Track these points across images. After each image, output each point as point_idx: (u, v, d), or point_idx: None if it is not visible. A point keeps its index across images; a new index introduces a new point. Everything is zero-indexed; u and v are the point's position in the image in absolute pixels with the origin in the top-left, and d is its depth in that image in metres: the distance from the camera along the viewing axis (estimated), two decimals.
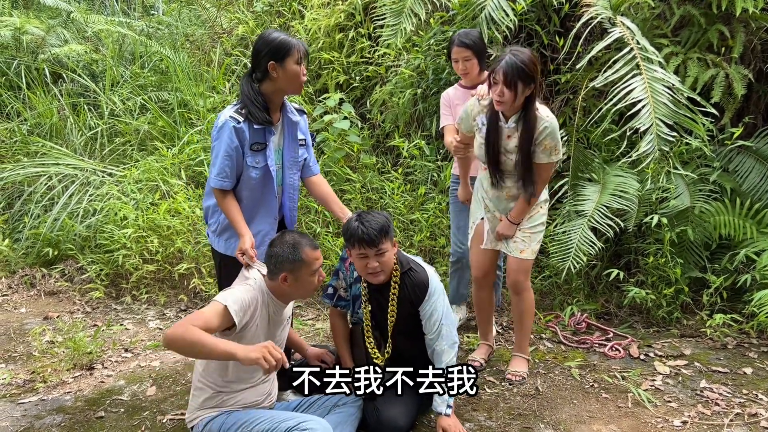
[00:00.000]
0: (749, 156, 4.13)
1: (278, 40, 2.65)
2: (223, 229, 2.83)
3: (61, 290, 4.93)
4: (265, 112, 2.70)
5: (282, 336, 2.76)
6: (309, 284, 2.58)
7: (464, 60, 3.43)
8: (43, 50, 7.13)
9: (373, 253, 2.60)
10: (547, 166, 3.00)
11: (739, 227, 3.85)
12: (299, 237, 2.57)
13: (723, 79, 3.99)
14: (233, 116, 2.67)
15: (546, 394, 3.13)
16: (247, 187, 2.77)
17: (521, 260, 3.13)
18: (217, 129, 2.70)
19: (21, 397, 3.28)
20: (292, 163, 2.90)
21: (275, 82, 2.70)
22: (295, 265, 2.51)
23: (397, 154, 5.07)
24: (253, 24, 6.30)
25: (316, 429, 2.40)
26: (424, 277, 2.74)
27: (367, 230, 2.57)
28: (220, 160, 2.68)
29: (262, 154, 2.75)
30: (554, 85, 4.66)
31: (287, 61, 2.65)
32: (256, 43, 2.71)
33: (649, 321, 3.97)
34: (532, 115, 2.89)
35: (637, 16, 4.22)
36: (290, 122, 2.86)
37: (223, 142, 2.67)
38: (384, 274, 2.67)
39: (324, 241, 4.56)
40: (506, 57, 2.81)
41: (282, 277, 2.52)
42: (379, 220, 2.60)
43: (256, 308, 2.51)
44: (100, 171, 5.54)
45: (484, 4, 4.32)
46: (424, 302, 2.73)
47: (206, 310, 2.39)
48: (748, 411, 2.93)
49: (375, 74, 5.33)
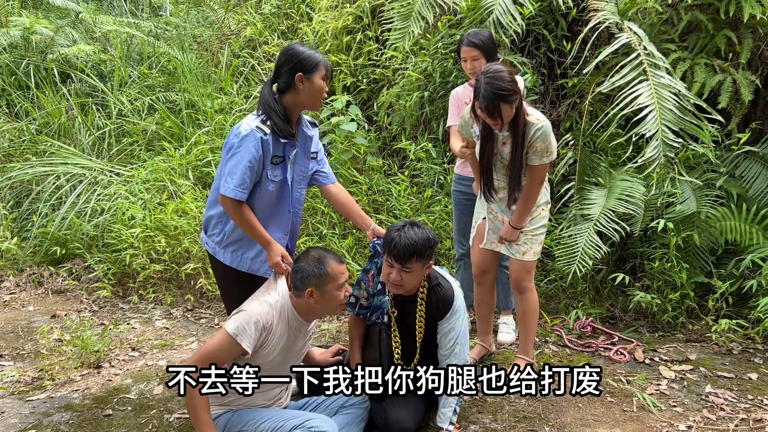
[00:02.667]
0: (756, 161, 4.12)
1: (307, 53, 2.62)
2: (230, 241, 2.75)
3: (68, 289, 4.97)
4: (289, 127, 2.65)
5: (303, 350, 2.74)
6: (335, 299, 2.54)
7: (472, 59, 3.44)
8: (52, 50, 7.18)
9: (398, 268, 2.60)
10: (541, 168, 3.00)
11: (745, 233, 3.85)
12: (324, 252, 2.55)
13: (730, 84, 4.00)
14: (260, 127, 2.59)
15: (551, 398, 3.13)
16: (262, 200, 2.69)
17: (524, 262, 3.15)
18: (240, 137, 2.58)
19: (29, 394, 3.31)
20: (301, 177, 2.85)
21: (298, 95, 2.65)
22: (321, 279, 2.48)
23: (404, 157, 5.09)
24: (261, 26, 6.34)
25: (321, 427, 2.42)
26: (451, 294, 2.75)
27: (401, 246, 2.55)
28: (242, 170, 2.56)
29: (281, 168, 2.69)
30: (561, 89, 4.67)
31: (315, 75, 2.62)
32: (283, 54, 2.66)
33: (655, 325, 3.98)
34: (520, 121, 2.88)
35: (645, 21, 4.23)
36: (305, 136, 2.82)
37: (247, 152, 2.57)
38: (404, 290, 2.68)
39: (330, 242, 4.58)
40: (481, 88, 2.77)
41: (308, 292, 2.49)
42: (417, 241, 2.56)
43: (272, 330, 2.48)
44: (107, 171, 5.57)
45: (491, 7, 4.33)
46: (445, 318, 2.74)
47: (217, 346, 2.39)
48: (753, 416, 2.93)
49: (382, 77, 5.35)
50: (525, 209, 3.07)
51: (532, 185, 3.03)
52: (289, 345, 2.58)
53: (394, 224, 2.70)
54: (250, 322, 2.40)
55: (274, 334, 2.49)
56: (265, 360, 2.50)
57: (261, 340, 2.44)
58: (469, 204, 3.55)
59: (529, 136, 2.92)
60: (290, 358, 2.63)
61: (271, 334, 2.48)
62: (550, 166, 3.09)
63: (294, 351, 2.64)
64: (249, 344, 2.38)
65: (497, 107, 2.77)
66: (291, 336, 2.57)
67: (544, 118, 2.94)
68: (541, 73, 4.71)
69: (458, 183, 3.78)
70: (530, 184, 3.02)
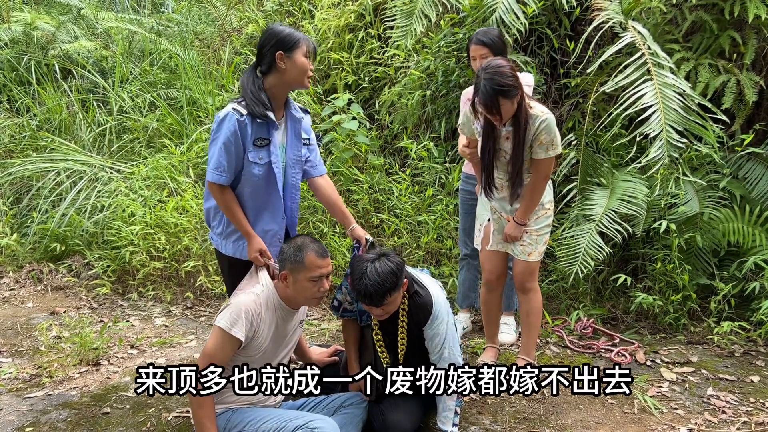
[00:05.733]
0: (759, 163, 4.10)
1: (287, 32, 2.59)
2: (230, 231, 2.74)
3: (68, 286, 4.95)
4: (263, 107, 2.60)
5: (293, 338, 2.74)
6: (306, 290, 2.51)
7: (481, 58, 3.40)
8: (54, 46, 7.17)
9: (377, 308, 2.56)
10: (546, 162, 2.97)
11: (748, 234, 3.83)
12: (310, 242, 2.53)
13: (734, 85, 3.97)
14: (236, 108, 2.57)
15: (552, 399, 3.12)
16: (250, 185, 2.67)
17: (528, 263, 3.13)
18: (217, 121, 2.59)
19: (27, 391, 3.30)
20: (294, 161, 2.80)
21: (282, 75, 2.61)
22: (295, 266, 2.48)
23: (405, 156, 5.07)
24: (263, 23, 6.31)
25: (324, 428, 2.40)
26: (428, 300, 2.69)
27: (371, 292, 2.48)
28: (218, 152, 2.56)
29: (266, 150, 2.65)
30: (564, 88, 4.65)
31: (296, 52, 2.58)
32: (262, 35, 2.63)
33: (656, 327, 3.96)
34: (522, 115, 2.85)
35: (649, 21, 4.20)
36: (294, 119, 2.78)
37: (221, 133, 2.56)
38: (389, 314, 2.64)
39: (330, 241, 4.56)
40: (480, 85, 2.75)
41: (282, 275, 2.51)
42: (385, 280, 2.47)
43: (261, 318, 2.48)
44: (108, 167, 5.56)
45: (494, 6, 4.31)
46: (427, 325, 2.69)
47: (216, 347, 2.41)
48: (755, 419, 2.91)
49: (384, 75, 5.33)
50: (530, 204, 3.04)
51: (538, 180, 2.99)
52: (279, 333, 2.59)
53: (355, 263, 2.59)
54: (240, 313, 2.42)
55: (263, 322, 2.50)
56: (258, 350, 2.51)
57: (253, 328, 2.45)
58: (475, 203, 3.53)
59: (533, 129, 2.89)
60: (281, 348, 2.64)
61: (261, 323, 2.49)
62: (555, 160, 3.07)
63: (284, 339, 2.64)
64: (242, 334, 2.40)
65: (496, 103, 2.74)
66: (279, 324, 2.58)
67: (547, 111, 2.91)
68: (544, 73, 4.69)
69: (465, 182, 3.75)
70: (535, 178, 2.99)
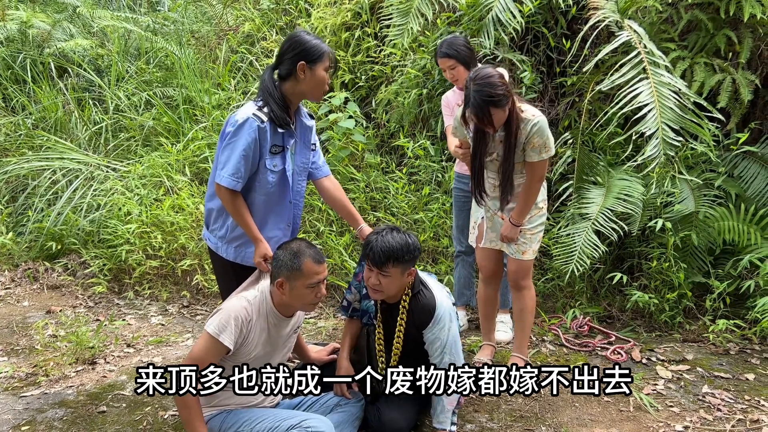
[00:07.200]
0: (754, 161, 4.11)
1: (312, 42, 2.56)
2: (234, 236, 2.70)
3: (63, 284, 4.94)
4: (287, 116, 2.59)
5: (287, 344, 2.71)
6: (304, 297, 2.47)
7: (450, 69, 3.47)
8: (49, 44, 7.14)
9: (376, 272, 2.55)
10: (540, 164, 2.97)
11: (743, 233, 3.84)
12: (306, 247, 2.47)
13: (729, 84, 3.99)
14: (257, 115, 2.53)
15: (548, 397, 3.12)
16: (263, 192, 2.65)
17: (522, 261, 3.14)
18: (236, 125, 2.53)
19: (23, 390, 3.29)
20: (302, 168, 2.80)
21: (299, 84, 2.59)
22: (293, 273, 2.43)
23: (402, 154, 5.07)
24: (260, 21, 6.31)
25: (319, 427, 2.40)
26: (431, 303, 2.66)
27: (377, 250, 2.50)
28: (237, 159, 2.51)
29: (280, 158, 2.63)
30: (560, 87, 4.66)
31: (318, 65, 2.56)
32: (287, 41, 2.60)
33: (652, 325, 3.97)
34: (513, 119, 2.86)
35: (645, 20, 4.21)
36: (304, 127, 2.77)
37: (242, 139, 2.51)
38: (384, 295, 2.62)
39: (327, 239, 4.56)
40: (470, 96, 2.75)
41: (278, 282, 2.45)
42: (394, 245, 2.50)
43: (251, 325, 2.46)
44: (104, 166, 5.54)
45: (491, 5, 4.32)
46: (428, 328, 2.66)
47: (203, 351, 2.39)
48: (750, 417, 2.93)
49: (381, 74, 5.32)
50: (525, 206, 3.05)
51: (533, 182, 3.01)
52: (271, 340, 2.56)
53: (377, 227, 2.65)
54: (230, 319, 2.39)
55: (254, 329, 2.47)
56: (248, 356, 2.49)
57: (243, 335, 2.43)
58: (468, 201, 3.54)
59: (525, 133, 2.90)
60: (274, 353, 2.61)
61: (251, 330, 2.46)
62: (549, 162, 3.07)
63: (277, 346, 2.61)
64: (230, 341, 2.38)
65: (488, 113, 2.75)
66: (272, 331, 2.55)
67: (539, 114, 2.92)
68: (540, 71, 4.69)
69: (458, 181, 3.78)
70: (530, 181, 3.01)
